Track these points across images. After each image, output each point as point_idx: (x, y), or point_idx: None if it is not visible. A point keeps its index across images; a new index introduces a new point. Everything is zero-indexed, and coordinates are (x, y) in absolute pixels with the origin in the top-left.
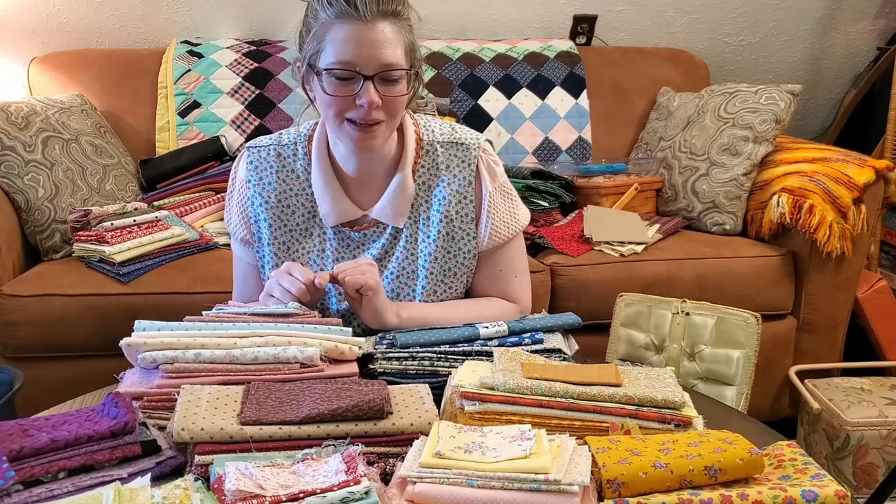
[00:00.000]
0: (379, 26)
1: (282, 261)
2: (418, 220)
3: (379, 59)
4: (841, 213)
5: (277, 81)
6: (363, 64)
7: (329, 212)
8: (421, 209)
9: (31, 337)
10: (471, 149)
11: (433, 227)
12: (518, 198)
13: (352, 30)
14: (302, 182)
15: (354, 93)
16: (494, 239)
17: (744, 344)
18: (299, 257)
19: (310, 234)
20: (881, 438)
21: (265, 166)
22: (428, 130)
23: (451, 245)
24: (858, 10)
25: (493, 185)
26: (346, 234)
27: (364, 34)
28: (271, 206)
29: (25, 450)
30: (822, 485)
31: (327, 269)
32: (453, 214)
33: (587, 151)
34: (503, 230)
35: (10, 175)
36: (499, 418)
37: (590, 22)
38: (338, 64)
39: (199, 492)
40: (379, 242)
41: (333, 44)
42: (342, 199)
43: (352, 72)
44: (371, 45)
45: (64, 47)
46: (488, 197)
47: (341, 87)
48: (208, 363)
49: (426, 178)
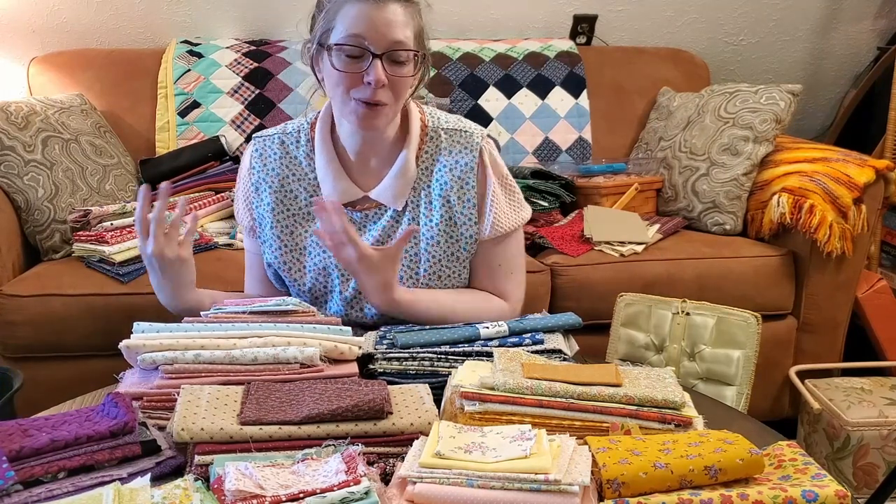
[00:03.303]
0: (391, 6)
1: (285, 244)
2: (420, 204)
3: (389, 37)
4: (841, 213)
5: (277, 81)
6: (373, 41)
7: (331, 192)
8: (423, 193)
9: (31, 337)
10: (474, 136)
11: (435, 211)
12: (520, 191)
13: (363, 7)
14: (304, 168)
15: (363, 70)
16: (497, 229)
17: (744, 344)
18: (302, 240)
19: (312, 218)
20: (881, 438)
21: (269, 154)
22: (433, 118)
23: (454, 230)
24: (858, 10)
25: (497, 175)
26: (349, 214)
27: (376, 13)
28: (275, 191)
29: (25, 450)
30: (823, 485)
31: (329, 251)
32: (454, 199)
33: (587, 151)
34: (505, 221)
35: (9, 175)
36: (499, 418)
37: (590, 22)
38: (348, 38)
39: (199, 492)
40: (379, 224)
41: (345, 20)
42: (343, 180)
43: (361, 48)
44: (382, 23)
45: (64, 47)
46: (492, 186)
47: (350, 64)
48: (208, 364)
49: (429, 164)
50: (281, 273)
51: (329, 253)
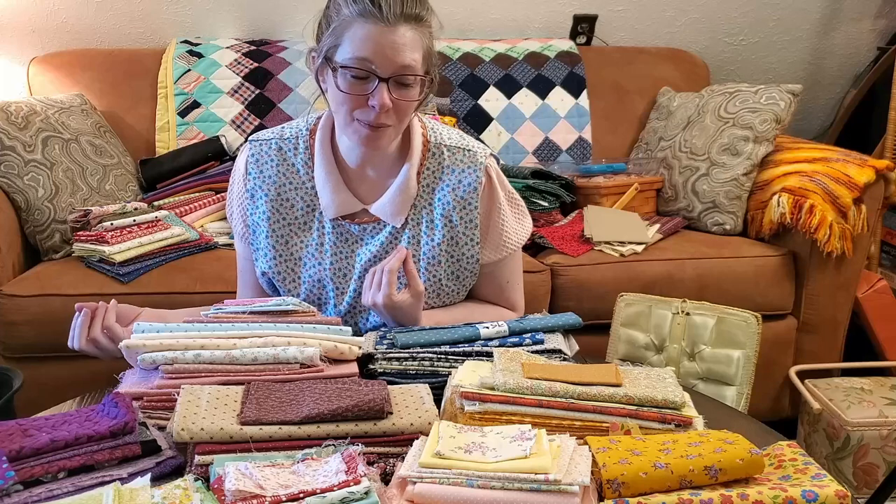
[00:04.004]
0: (400, 30)
1: (279, 253)
2: (421, 222)
3: (396, 61)
4: (841, 213)
5: (277, 81)
6: (380, 65)
7: (329, 203)
8: (423, 211)
9: (31, 337)
10: (478, 155)
11: (437, 230)
12: (523, 202)
13: (373, 30)
14: (301, 177)
15: (368, 92)
16: (507, 248)
17: (744, 344)
18: (297, 250)
19: (308, 228)
20: (881, 438)
21: (266, 160)
22: (435, 133)
23: (455, 249)
24: (858, 10)
25: (504, 192)
26: (346, 227)
27: (384, 36)
28: (271, 199)
29: (25, 450)
30: (823, 485)
31: (325, 262)
32: (456, 219)
33: (587, 151)
34: (514, 239)
35: (9, 175)
36: (499, 418)
37: (590, 22)
38: (355, 61)
39: (199, 492)
40: (377, 239)
41: (353, 41)
42: (343, 191)
43: (368, 71)
44: (390, 47)
45: (64, 47)
46: (501, 207)
47: (355, 86)
48: (208, 364)
49: (431, 181)
50: (275, 282)
51: (324, 264)
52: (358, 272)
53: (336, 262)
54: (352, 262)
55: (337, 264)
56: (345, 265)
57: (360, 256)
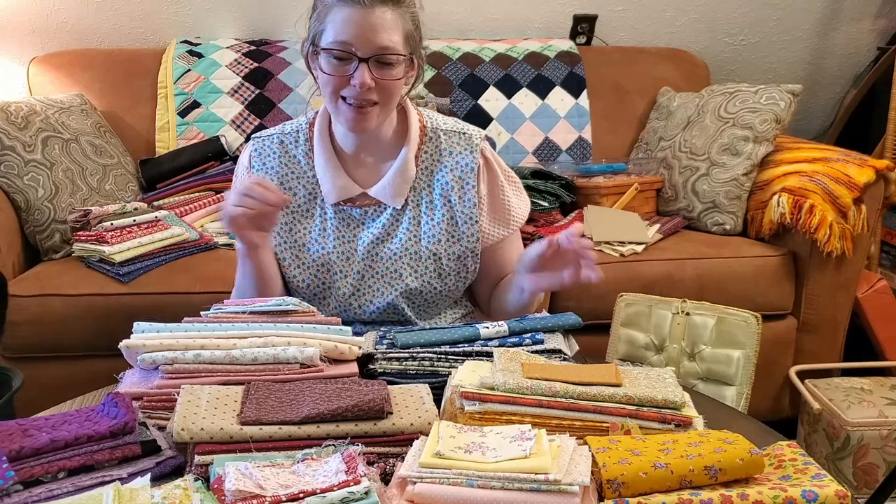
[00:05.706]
0: (377, 11)
1: (284, 240)
2: (420, 203)
3: (374, 42)
4: (841, 213)
5: (277, 81)
6: (359, 46)
7: (330, 189)
8: (423, 193)
9: (31, 337)
10: (473, 137)
11: (437, 210)
12: (521, 183)
13: (351, 12)
14: (303, 167)
15: (349, 73)
16: (514, 222)
17: (744, 344)
18: (301, 237)
19: (311, 215)
20: (881, 438)
21: (269, 153)
22: (432, 119)
23: (455, 229)
24: (858, 10)
25: (501, 170)
26: (347, 211)
27: (362, 17)
28: None
29: (25, 450)
30: (823, 485)
31: (329, 246)
32: (455, 199)
33: (587, 151)
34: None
35: (9, 175)
36: (499, 418)
37: (590, 22)
38: (335, 44)
39: (199, 492)
40: (379, 221)
41: (333, 24)
42: (342, 177)
43: (348, 52)
44: (368, 28)
45: (64, 47)
46: (501, 185)
47: (338, 67)
48: (208, 364)
49: (429, 164)
50: (281, 269)
51: (328, 248)
52: (361, 254)
53: (339, 246)
54: (354, 245)
55: (340, 248)
56: (348, 248)
57: (361, 239)
